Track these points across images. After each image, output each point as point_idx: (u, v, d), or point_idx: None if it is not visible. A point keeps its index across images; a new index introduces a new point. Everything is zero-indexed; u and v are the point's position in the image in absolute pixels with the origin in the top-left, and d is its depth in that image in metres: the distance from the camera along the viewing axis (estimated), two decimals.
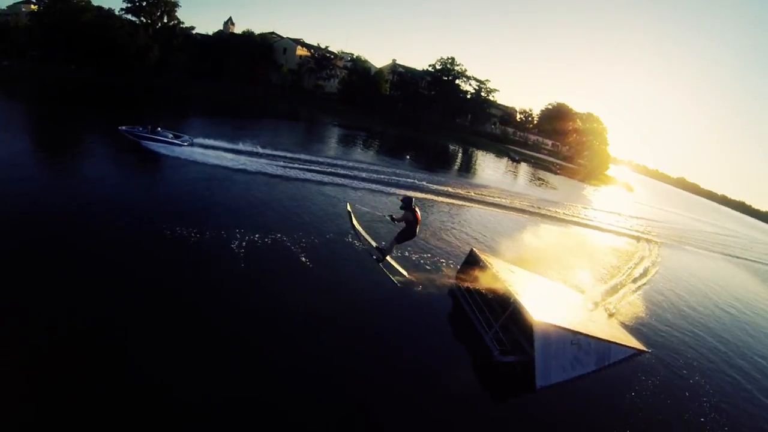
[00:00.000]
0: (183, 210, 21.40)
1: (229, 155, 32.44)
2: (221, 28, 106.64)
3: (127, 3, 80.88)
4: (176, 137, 32.57)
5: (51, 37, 70.77)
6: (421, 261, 20.52)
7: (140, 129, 31.91)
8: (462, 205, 33.31)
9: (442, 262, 21.05)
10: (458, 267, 20.01)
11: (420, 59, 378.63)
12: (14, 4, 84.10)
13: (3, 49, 70.50)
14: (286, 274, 17.13)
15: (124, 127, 32.00)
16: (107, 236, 17.44)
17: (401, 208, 13.30)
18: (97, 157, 28.71)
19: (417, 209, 13.38)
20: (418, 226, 13.50)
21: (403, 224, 13.48)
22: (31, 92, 55.87)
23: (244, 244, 18.62)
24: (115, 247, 16.80)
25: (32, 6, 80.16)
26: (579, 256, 27.40)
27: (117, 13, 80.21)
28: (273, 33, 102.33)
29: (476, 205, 34.34)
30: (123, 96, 61.99)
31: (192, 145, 32.84)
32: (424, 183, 36.29)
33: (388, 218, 13.68)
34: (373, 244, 14.73)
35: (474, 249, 19.54)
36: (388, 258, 14.69)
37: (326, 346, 13.61)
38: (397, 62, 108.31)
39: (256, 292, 15.59)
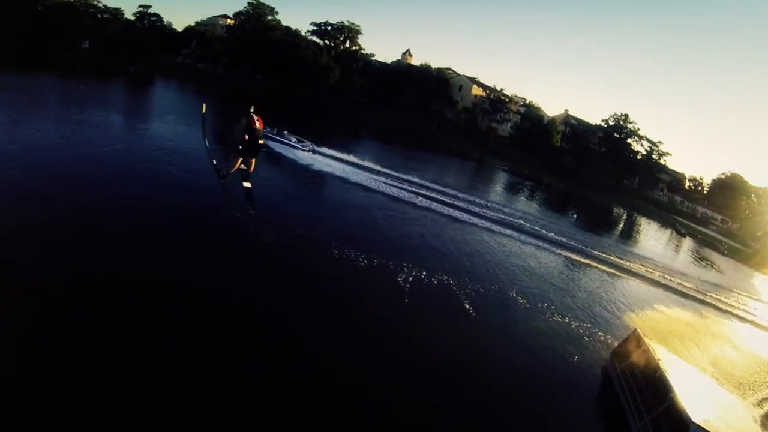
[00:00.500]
0: (349, 232, 22.37)
1: (382, 179, 34.22)
2: (399, 58, 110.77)
3: (314, 26, 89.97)
4: (299, 141, 34.54)
5: (242, 48, 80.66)
6: (580, 330, 20.65)
7: (267, 129, 34.08)
8: (622, 276, 32.34)
9: (600, 335, 20.85)
10: (616, 344, 19.56)
11: (593, 111, 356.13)
12: (213, 17, 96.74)
13: (201, 55, 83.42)
14: (448, 319, 16.96)
15: None
16: (281, 244, 18.69)
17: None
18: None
19: (255, 116, 12.76)
20: (258, 133, 12.89)
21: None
22: (221, 93, 64.61)
23: (410, 279, 18.81)
24: (287, 257, 18.12)
25: (228, 20, 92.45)
26: (738, 353, 24.93)
27: (303, 34, 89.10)
28: (449, 69, 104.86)
29: (636, 279, 33.02)
30: (301, 108, 67.29)
31: (314, 152, 34.83)
32: (588, 248, 35.98)
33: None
34: (239, 168, 14.22)
35: (638, 330, 18.76)
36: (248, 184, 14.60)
37: (465, 404, 12.84)
38: (570, 113, 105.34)
39: (419, 328, 15.76)
